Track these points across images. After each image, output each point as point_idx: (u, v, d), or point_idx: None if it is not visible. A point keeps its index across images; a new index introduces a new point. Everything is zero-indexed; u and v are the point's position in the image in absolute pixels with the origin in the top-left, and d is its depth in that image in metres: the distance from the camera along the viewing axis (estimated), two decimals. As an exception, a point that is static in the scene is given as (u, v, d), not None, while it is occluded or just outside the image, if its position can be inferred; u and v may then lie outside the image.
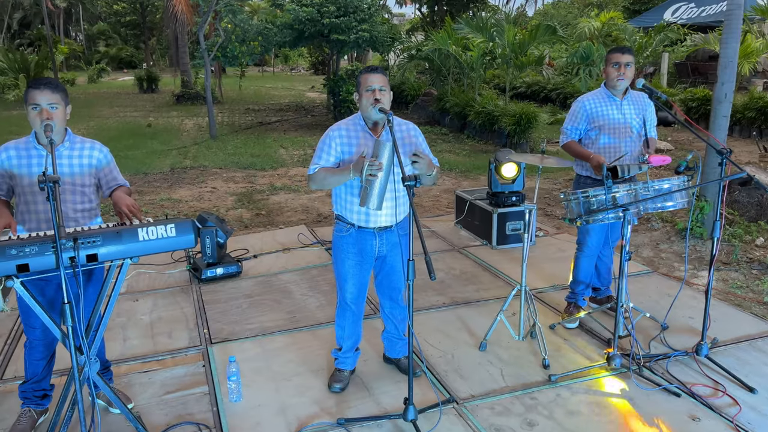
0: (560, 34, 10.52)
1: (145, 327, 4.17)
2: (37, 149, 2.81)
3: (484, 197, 5.91)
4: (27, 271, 2.38)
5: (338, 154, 3.07)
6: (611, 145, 3.79)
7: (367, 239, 3.14)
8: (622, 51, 3.73)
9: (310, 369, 3.57)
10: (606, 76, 3.81)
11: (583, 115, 3.85)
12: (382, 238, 3.16)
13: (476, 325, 4.09)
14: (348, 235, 3.16)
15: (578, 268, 4.05)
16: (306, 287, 4.81)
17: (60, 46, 30.68)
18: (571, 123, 3.91)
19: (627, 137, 3.78)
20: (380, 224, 3.12)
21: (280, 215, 7.12)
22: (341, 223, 3.20)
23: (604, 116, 3.79)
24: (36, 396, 3.08)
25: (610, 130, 3.79)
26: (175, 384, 3.44)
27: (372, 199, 2.86)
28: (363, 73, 3.07)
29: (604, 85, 3.86)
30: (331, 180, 3.02)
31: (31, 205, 2.81)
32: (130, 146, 11.91)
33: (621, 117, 3.78)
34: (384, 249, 3.18)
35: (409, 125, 3.20)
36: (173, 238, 2.63)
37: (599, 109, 3.81)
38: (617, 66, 3.70)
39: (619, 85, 3.75)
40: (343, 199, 3.14)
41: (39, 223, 2.82)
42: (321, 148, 3.10)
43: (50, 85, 2.75)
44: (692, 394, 3.20)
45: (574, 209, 3.39)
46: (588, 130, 3.86)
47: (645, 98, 3.86)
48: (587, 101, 3.86)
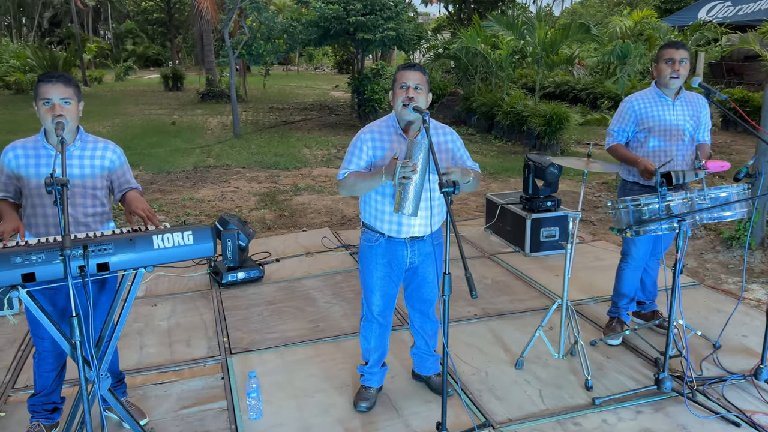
0: (594, 32, 10.17)
1: (162, 334, 4.00)
2: (46, 148, 2.63)
3: (516, 201, 5.65)
4: (33, 280, 2.20)
5: (369, 157, 2.84)
6: (661, 148, 3.51)
7: (398, 250, 2.91)
8: (677, 46, 3.44)
9: (334, 385, 3.35)
10: (658, 74, 3.52)
11: (631, 116, 3.57)
12: (414, 248, 2.92)
13: (511, 339, 3.83)
14: (377, 245, 2.93)
15: (622, 280, 3.76)
16: (330, 294, 4.60)
17: (88, 44, 30.97)
18: (617, 124, 3.63)
19: (679, 141, 3.50)
20: (412, 234, 2.88)
21: (304, 217, 6.92)
22: (370, 232, 2.97)
23: (655, 117, 3.51)
24: (45, 410, 2.91)
25: (661, 133, 3.50)
26: (193, 398, 3.25)
27: (407, 204, 2.62)
28: (399, 69, 2.84)
29: (655, 83, 3.57)
30: (362, 185, 2.79)
31: (39, 208, 2.62)
32: (154, 144, 11.84)
33: (673, 119, 3.49)
34: (416, 260, 2.95)
35: (446, 129, 2.96)
36: (191, 246, 2.43)
37: (649, 109, 3.53)
38: (671, 62, 3.41)
39: (672, 84, 3.46)
40: (372, 207, 2.91)
41: (48, 227, 2.63)
42: (351, 151, 2.88)
43: (63, 78, 2.56)
44: (753, 424, 2.91)
45: (622, 218, 3.12)
46: (636, 132, 3.59)
47: (699, 99, 3.57)
48: (636, 101, 3.58)
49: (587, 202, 7.45)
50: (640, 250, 3.64)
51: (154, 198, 7.66)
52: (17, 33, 41.86)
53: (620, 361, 3.55)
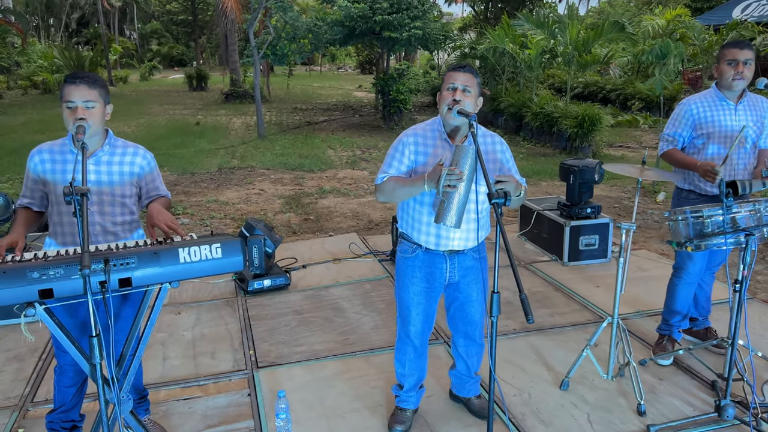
0: (630, 30, 9.83)
1: (186, 345, 3.84)
2: (72, 153, 2.47)
3: (553, 207, 5.40)
4: (51, 297, 2.03)
5: (411, 162, 2.63)
6: (720, 156, 3.25)
7: (436, 263, 2.69)
8: (741, 46, 3.18)
9: (366, 405, 3.15)
10: (719, 76, 3.26)
11: (688, 120, 3.32)
12: (453, 262, 2.71)
13: (553, 357, 3.60)
14: (414, 257, 2.72)
15: (675, 296, 3.50)
16: (359, 304, 4.41)
17: (114, 45, 31.27)
18: (673, 128, 3.38)
19: (740, 148, 3.24)
20: (451, 247, 2.67)
21: (329, 221, 6.75)
22: (407, 242, 2.76)
23: (714, 122, 3.25)
24: (64, 428, 2.76)
25: (721, 139, 3.25)
26: (218, 416, 3.08)
27: (450, 215, 2.41)
28: (449, 70, 2.63)
29: (716, 85, 3.31)
30: (402, 192, 2.58)
31: (65, 216, 2.47)
32: (178, 145, 11.78)
33: (735, 124, 3.23)
34: (456, 275, 2.73)
35: (495, 138, 2.74)
36: (219, 260, 2.25)
37: (708, 113, 3.27)
38: (734, 63, 3.15)
39: (735, 86, 3.20)
40: (409, 216, 2.71)
41: (74, 236, 2.48)
42: (392, 155, 2.67)
43: (87, 79, 2.38)
44: (828, 459, 2.65)
45: (681, 231, 2.87)
46: (694, 137, 3.33)
47: (763, 103, 3.31)
48: (694, 104, 3.32)
49: (623, 207, 7.16)
50: (696, 265, 3.38)
51: (178, 200, 7.55)
52: (45, 33, 42.47)
53: (674, 384, 3.30)
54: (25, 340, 3.87)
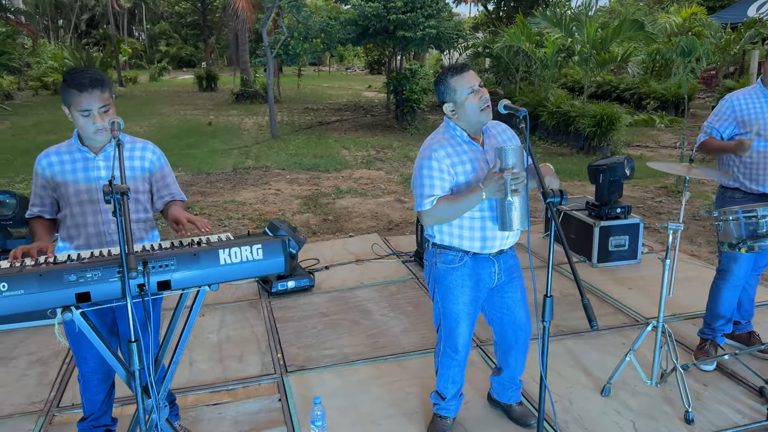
0: (648, 29, 9.68)
1: (212, 348, 3.75)
2: (81, 152, 2.36)
3: (581, 207, 5.28)
4: (88, 300, 1.94)
5: (451, 176, 2.47)
6: (765, 151, 3.14)
7: (485, 267, 2.58)
8: None
9: (402, 411, 3.05)
10: (765, 73, 3.16)
11: (730, 116, 3.22)
12: (500, 263, 2.60)
13: (591, 361, 3.49)
14: (462, 266, 2.57)
15: (719, 299, 3.37)
16: (386, 306, 4.31)
17: (123, 46, 31.33)
18: (715, 122, 3.28)
19: None
20: (499, 248, 2.57)
21: (349, 221, 6.65)
22: (451, 252, 2.59)
23: (758, 118, 3.14)
24: (97, 432, 2.68)
25: (765, 135, 3.14)
26: (249, 422, 2.99)
27: (517, 220, 2.34)
28: (452, 76, 2.47)
29: (761, 81, 3.20)
30: (459, 208, 2.42)
31: (79, 217, 2.36)
32: (192, 145, 11.72)
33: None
34: (503, 276, 2.62)
35: (502, 126, 2.69)
36: (260, 261, 2.17)
37: (752, 108, 3.17)
38: None
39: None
40: (454, 227, 2.54)
41: (88, 238, 2.37)
42: (429, 176, 2.47)
43: (97, 84, 2.23)
44: None
45: (732, 232, 2.76)
46: (736, 134, 3.22)
47: None
48: (737, 99, 3.22)
49: (648, 208, 7.03)
50: (742, 267, 3.26)
51: (195, 200, 7.48)
52: (54, 35, 42.63)
53: (719, 390, 3.18)
54: (48, 343, 3.79)
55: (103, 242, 2.37)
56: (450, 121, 2.55)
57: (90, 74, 2.26)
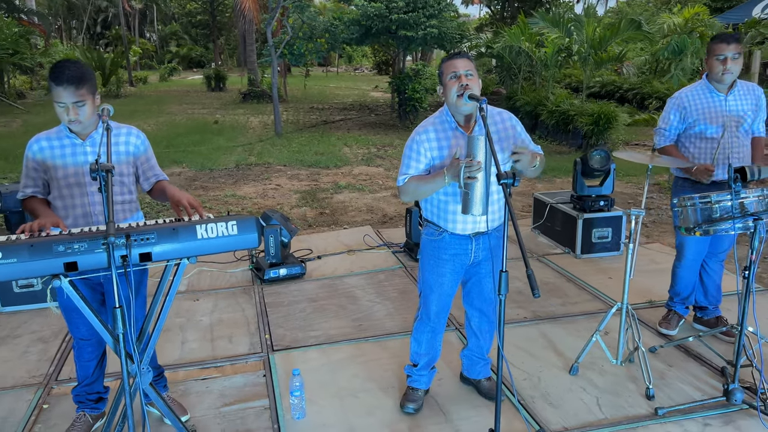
0: (645, 28, 9.80)
1: (204, 329, 3.94)
2: (69, 137, 2.54)
3: (566, 201, 5.43)
4: (75, 269, 2.12)
5: (429, 159, 2.67)
6: (713, 139, 3.36)
7: (462, 244, 2.75)
8: (728, 41, 3.24)
9: (379, 386, 3.22)
10: (709, 69, 3.34)
11: (680, 111, 3.42)
12: (479, 242, 2.76)
13: (564, 344, 3.64)
14: (440, 239, 2.77)
15: (677, 278, 3.68)
16: (373, 293, 4.48)
17: (133, 47, 31.72)
18: (666, 122, 3.51)
19: (731, 134, 3.34)
20: (477, 230, 2.73)
21: (344, 214, 6.83)
22: (432, 226, 2.81)
23: (705, 110, 3.36)
24: (90, 399, 2.87)
25: (711, 126, 3.35)
26: (234, 395, 3.17)
27: (476, 205, 2.47)
28: (445, 60, 2.67)
29: (706, 77, 3.39)
30: (425, 189, 2.63)
31: (68, 199, 2.55)
32: (197, 142, 11.95)
33: (725, 111, 3.34)
34: (480, 255, 2.79)
35: (504, 113, 2.78)
36: (235, 236, 2.33)
37: (698, 102, 3.38)
38: (722, 58, 3.24)
39: (724, 80, 3.31)
40: (435, 206, 2.75)
41: (76, 219, 2.56)
42: (408, 155, 2.71)
43: (73, 81, 2.38)
44: (836, 442, 2.67)
45: (690, 217, 2.91)
46: (687, 127, 3.41)
47: (754, 90, 3.41)
48: (684, 95, 3.45)
49: (636, 202, 7.15)
50: (692, 249, 3.53)
51: (196, 194, 7.68)
52: (67, 35, 43.18)
53: (683, 370, 3.33)
54: (50, 323, 3.99)
55: (90, 222, 2.56)
56: (446, 107, 2.71)
57: (69, 71, 2.39)
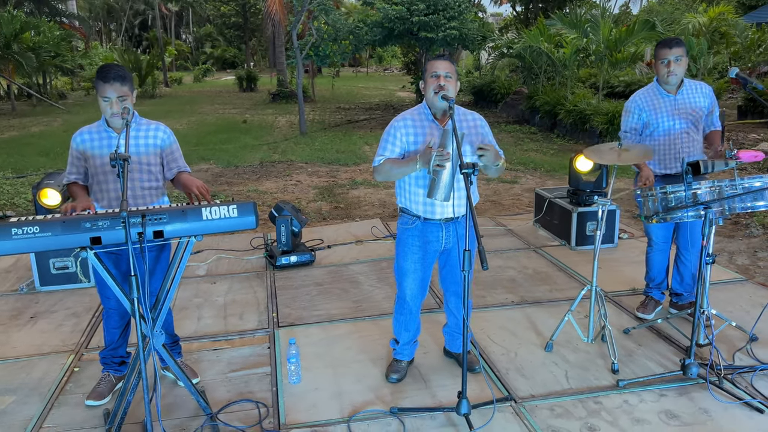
0: (659, 29, 9.92)
1: (219, 308, 4.35)
2: (107, 131, 3.00)
3: (564, 195, 5.70)
4: (99, 243, 2.54)
5: (403, 144, 3.03)
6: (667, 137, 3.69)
7: (433, 231, 3.09)
8: (670, 45, 3.58)
9: (370, 357, 3.58)
10: (656, 73, 3.70)
11: (635, 111, 3.78)
12: (449, 229, 3.09)
13: (545, 325, 3.94)
14: (413, 228, 3.12)
15: (649, 263, 4.00)
16: (374, 278, 4.84)
17: (168, 48, 32.70)
18: (626, 123, 3.88)
19: (682, 130, 3.66)
20: (447, 215, 3.06)
21: (358, 209, 7.20)
22: (406, 215, 3.16)
23: (656, 110, 3.68)
24: (114, 362, 3.29)
25: (663, 124, 3.67)
26: (240, 363, 3.56)
27: (440, 191, 2.80)
28: (429, 60, 3.03)
29: (656, 80, 3.72)
30: (397, 171, 2.99)
31: (103, 184, 2.99)
32: (225, 140, 12.47)
33: (674, 110, 3.66)
34: (450, 241, 3.12)
35: (474, 115, 3.12)
36: (235, 218, 2.72)
37: (650, 102, 3.71)
38: (665, 62, 3.59)
39: (670, 82, 3.63)
40: (407, 191, 3.10)
41: (110, 201, 2.99)
42: (386, 139, 3.07)
43: (119, 78, 2.86)
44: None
45: (650, 206, 3.20)
46: (642, 126, 3.76)
47: (702, 88, 3.72)
48: (638, 97, 3.79)
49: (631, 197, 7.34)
50: (658, 234, 3.85)
51: (221, 189, 8.15)
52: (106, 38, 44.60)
53: (651, 349, 3.60)
54: (83, 301, 4.46)
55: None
56: (425, 101, 3.07)
57: (114, 71, 2.90)
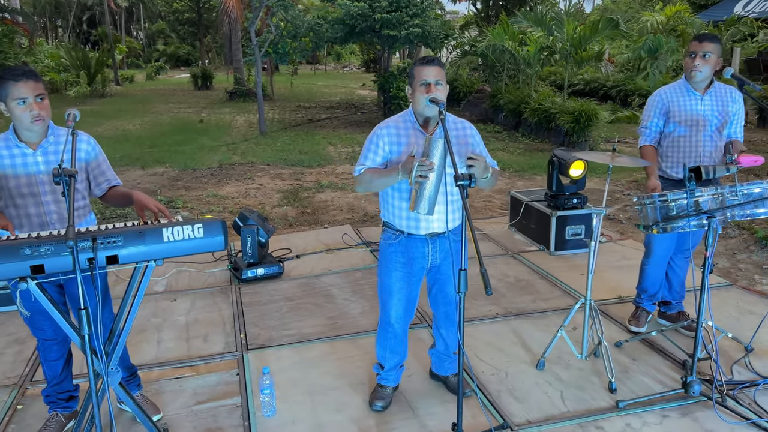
0: (622, 28, 9.92)
1: (180, 329, 3.99)
2: (19, 147, 2.55)
3: (541, 199, 5.51)
4: (42, 272, 2.18)
5: (386, 153, 2.75)
6: (686, 137, 3.46)
7: (418, 247, 2.82)
8: (701, 39, 3.36)
9: (350, 383, 3.29)
10: (686, 69, 3.44)
11: (659, 107, 3.51)
12: (435, 245, 2.83)
13: (533, 340, 3.73)
14: (397, 243, 2.84)
15: (644, 275, 3.75)
16: (349, 291, 4.55)
17: (119, 45, 31.54)
18: (647, 119, 3.58)
19: (705, 133, 3.43)
20: (432, 230, 2.79)
21: (326, 214, 6.89)
22: (389, 230, 2.88)
23: (681, 108, 3.46)
24: (61, 398, 2.92)
25: (686, 123, 3.45)
26: (207, 393, 3.23)
27: (423, 203, 2.54)
28: (417, 65, 2.74)
29: (685, 78, 3.48)
30: (378, 182, 2.71)
31: (21, 209, 2.57)
32: (181, 142, 11.95)
33: (699, 110, 3.42)
34: (437, 258, 2.86)
35: (465, 123, 2.86)
36: (201, 239, 2.39)
37: (675, 100, 3.47)
38: (693, 56, 3.35)
39: (694, 77, 3.40)
40: (390, 204, 2.83)
41: (32, 227, 2.59)
42: (368, 147, 2.79)
43: (31, 74, 2.47)
44: (787, 432, 2.76)
45: (649, 215, 3.00)
46: (665, 123, 3.50)
47: (732, 93, 3.45)
48: (663, 92, 3.53)
49: (616, 200, 7.26)
50: (661, 246, 3.61)
51: (178, 194, 7.71)
52: (52, 34, 42.86)
53: (646, 364, 3.42)
54: (25, 326, 4.01)
55: (47, 230, 2.60)
56: (410, 109, 2.78)
57: (24, 68, 2.51)
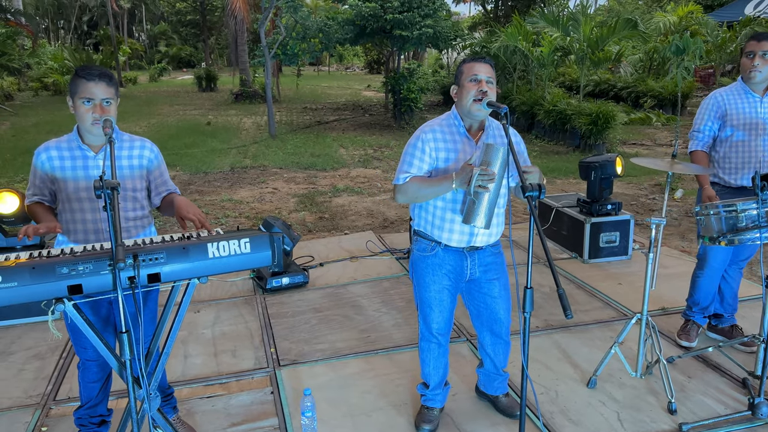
0: (641, 28, 9.74)
1: (207, 343, 3.81)
2: (82, 149, 2.41)
3: (572, 204, 5.34)
4: (80, 292, 2.00)
5: (432, 160, 2.56)
6: (744, 142, 3.28)
7: (457, 260, 2.64)
8: (758, 38, 3.18)
9: (392, 403, 3.11)
10: (741, 68, 3.27)
11: (715, 111, 3.33)
12: (474, 258, 2.65)
13: (578, 355, 3.55)
14: (433, 255, 2.66)
15: (697, 288, 3.54)
16: (378, 302, 4.37)
17: (122, 47, 31.40)
18: (701, 122, 3.39)
19: (765, 137, 3.25)
20: (473, 243, 2.61)
21: (344, 219, 6.71)
22: (424, 240, 2.69)
23: (738, 112, 3.28)
24: (93, 423, 2.74)
25: (744, 128, 3.27)
26: (242, 414, 3.05)
27: (479, 216, 2.37)
28: (467, 61, 2.57)
29: (741, 78, 3.30)
30: (427, 192, 2.52)
31: (77, 213, 2.42)
32: (190, 144, 11.78)
33: (758, 114, 3.25)
34: (476, 271, 2.68)
35: (510, 130, 2.68)
36: (248, 254, 2.21)
37: (733, 103, 3.29)
38: (751, 56, 3.19)
39: (753, 78, 3.22)
40: (430, 213, 2.63)
41: (86, 234, 2.43)
42: (411, 153, 2.59)
43: (105, 77, 2.34)
44: None
45: (713, 226, 2.82)
46: (720, 127, 3.32)
47: None
48: (720, 95, 3.34)
49: (641, 205, 7.09)
50: (718, 258, 3.41)
51: (192, 199, 7.54)
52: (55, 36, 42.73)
53: (703, 382, 3.24)
54: (45, 338, 3.85)
55: (101, 239, 2.43)
56: (455, 110, 2.60)
57: (100, 69, 2.38)
